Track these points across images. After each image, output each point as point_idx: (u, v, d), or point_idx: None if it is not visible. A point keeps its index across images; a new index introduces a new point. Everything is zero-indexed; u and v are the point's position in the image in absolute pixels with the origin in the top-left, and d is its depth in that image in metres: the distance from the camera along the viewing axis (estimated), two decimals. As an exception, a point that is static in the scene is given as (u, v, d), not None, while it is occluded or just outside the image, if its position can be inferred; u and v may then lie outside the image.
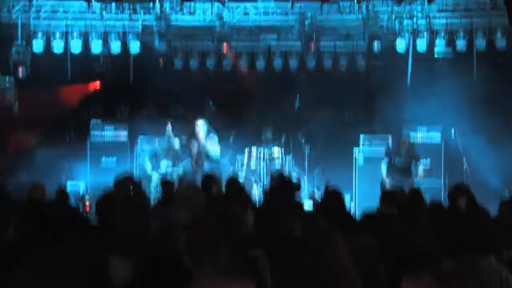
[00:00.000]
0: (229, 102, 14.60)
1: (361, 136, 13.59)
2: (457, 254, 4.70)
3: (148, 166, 12.52)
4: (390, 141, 12.46)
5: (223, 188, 7.70)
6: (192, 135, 11.53)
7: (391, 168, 12.00)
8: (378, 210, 6.60)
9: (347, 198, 11.48)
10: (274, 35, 14.56)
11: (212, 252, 3.93)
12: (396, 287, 4.93)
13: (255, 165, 13.30)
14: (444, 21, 13.81)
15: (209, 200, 6.54)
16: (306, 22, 13.84)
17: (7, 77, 14.26)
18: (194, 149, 11.47)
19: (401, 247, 5.18)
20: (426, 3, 13.64)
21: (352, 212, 9.99)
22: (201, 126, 11.49)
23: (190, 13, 14.05)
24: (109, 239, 4.79)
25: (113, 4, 13.73)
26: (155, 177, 12.01)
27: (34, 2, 13.87)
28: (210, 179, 7.72)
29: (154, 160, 12.53)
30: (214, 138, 11.54)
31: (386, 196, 7.27)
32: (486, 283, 4.40)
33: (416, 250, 5.13)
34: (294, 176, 12.69)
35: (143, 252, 4.25)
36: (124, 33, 14.17)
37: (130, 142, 13.72)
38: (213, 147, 11.44)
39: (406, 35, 13.89)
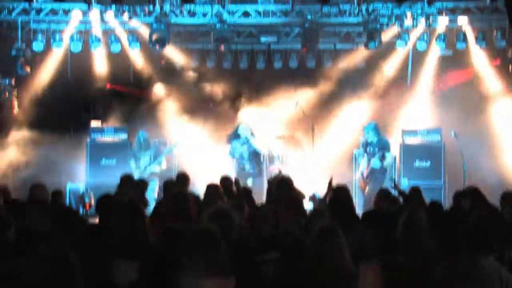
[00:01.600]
0: (229, 103, 14.62)
1: (361, 139, 13.59)
2: (457, 253, 4.70)
3: (133, 165, 12.75)
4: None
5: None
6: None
7: (366, 159, 12.04)
8: (377, 207, 6.61)
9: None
10: (274, 36, 14.56)
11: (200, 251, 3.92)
12: (396, 286, 4.94)
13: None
14: (444, 22, 13.80)
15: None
16: (306, 24, 13.84)
17: (7, 78, 14.25)
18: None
19: (401, 246, 5.18)
20: (426, 4, 13.63)
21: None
22: (245, 128, 12.66)
23: (190, 15, 14.04)
24: (112, 241, 4.78)
25: (113, 6, 13.71)
26: (137, 176, 12.05)
27: (34, 4, 13.85)
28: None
29: (135, 159, 12.59)
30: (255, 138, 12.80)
31: (385, 193, 7.31)
32: (486, 282, 4.40)
33: (416, 250, 5.14)
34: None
35: (146, 254, 4.24)
36: (124, 34, 14.17)
37: (130, 142, 13.70)
38: (259, 143, 12.77)
39: (406, 36, 13.89)
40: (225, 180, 8.46)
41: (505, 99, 13.82)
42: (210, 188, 7.69)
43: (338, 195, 6.62)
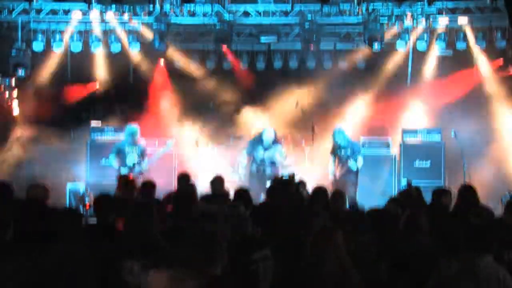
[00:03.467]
0: (228, 103, 14.62)
1: (361, 138, 13.62)
2: (456, 253, 4.71)
3: (115, 163, 11.92)
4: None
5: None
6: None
7: (337, 161, 11.96)
8: (384, 207, 6.64)
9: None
10: (274, 36, 14.57)
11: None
12: (396, 286, 4.94)
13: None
14: (444, 22, 13.80)
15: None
16: (306, 24, 13.84)
17: (7, 78, 14.25)
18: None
19: (401, 246, 5.18)
20: (426, 4, 13.62)
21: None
22: (270, 133, 12.06)
23: (190, 15, 14.04)
24: (123, 242, 4.77)
25: (113, 6, 13.72)
26: (123, 173, 11.64)
27: (34, 4, 13.86)
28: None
29: (120, 156, 11.92)
30: (281, 147, 12.22)
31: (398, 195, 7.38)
32: (484, 282, 4.41)
33: (416, 250, 5.14)
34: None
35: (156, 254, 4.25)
36: (124, 34, 14.18)
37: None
38: (280, 152, 12.09)
39: (406, 36, 13.89)
40: (216, 181, 8.46)
41: (505, 99, 13.83)
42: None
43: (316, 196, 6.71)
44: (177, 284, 3.20)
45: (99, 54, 14.55)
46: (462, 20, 13.68)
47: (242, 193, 7.37)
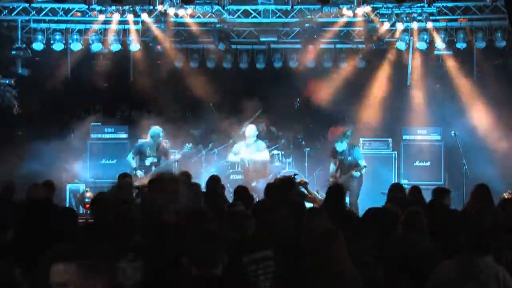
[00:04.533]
0: (229, 103, 14.61)
1: (361, 139, 13.64)
2: (456, 253, 4.71)
3: (132, 163, 12.06)
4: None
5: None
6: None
7: (337, 163, 12.12)
8: (384, 207, 6.65)
9: (346, 199, 11.55)
10: (274, 36, 14.56)
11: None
12: (396, 286, 4.94)
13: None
14: (444, 22, 13.81)
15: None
16: (306, 24, 13.83)
17: (7, 79, 14.25)
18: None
19: (401, 246, 5.19)
20: (426, 4, 13.62)
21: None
22: (250, 130, 12.40)
23: (190, 15, 14.03)
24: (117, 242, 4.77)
25: (113, 6, 13.71)
26: (139, 175, 11.72)
27: (34, 3, 13.85)
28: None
29: (139, 157, 12.12)
30: (261, 143, 12.55)
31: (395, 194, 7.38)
32: (484, 282, 4.41)
33: (415, 249, 5.14)
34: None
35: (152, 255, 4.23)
36: (124, 34, 14.18)
37: (130, 142, 13.70)
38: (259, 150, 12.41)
39: (406, 36, 13.89)
40: (211, 180, 8.46)
41: (505, 99, 13.83)
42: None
43: (333, 193, 6.70)
44: (83, 278, 3.09)
45: (99, 54, 14.56)
46: (462, 20, 13.68)
47: (241, 191, 7.36)
